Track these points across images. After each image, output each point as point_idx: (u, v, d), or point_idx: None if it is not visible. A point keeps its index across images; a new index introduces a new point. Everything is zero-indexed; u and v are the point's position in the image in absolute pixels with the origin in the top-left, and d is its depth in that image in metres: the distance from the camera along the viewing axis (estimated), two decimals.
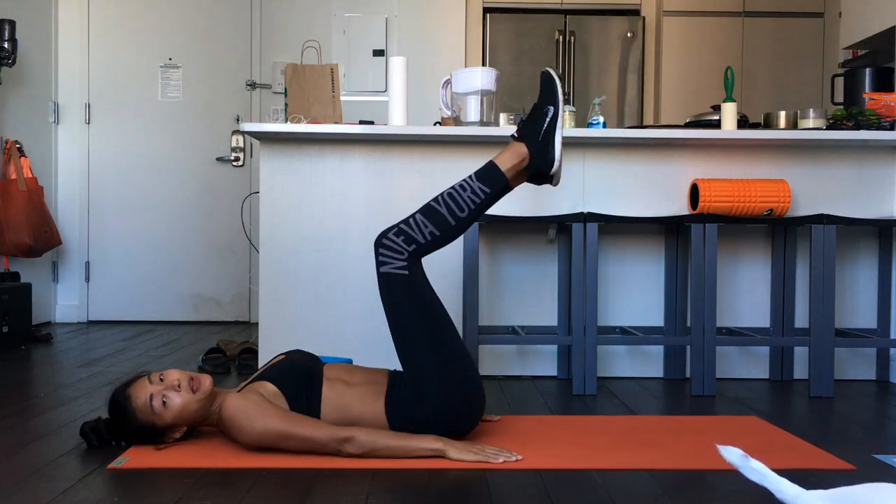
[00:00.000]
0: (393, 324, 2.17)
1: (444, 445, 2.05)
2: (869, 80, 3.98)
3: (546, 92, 2.26)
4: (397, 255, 2.14)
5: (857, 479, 1.95)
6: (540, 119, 2.24)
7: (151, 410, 2.08)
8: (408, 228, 2.17)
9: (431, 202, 2.20)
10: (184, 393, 2.09)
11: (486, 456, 2.04)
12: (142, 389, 2.10)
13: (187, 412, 2.10)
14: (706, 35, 5.31)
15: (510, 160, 2.22)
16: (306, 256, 3.24)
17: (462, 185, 2.21)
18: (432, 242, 2.18)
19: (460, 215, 2.19)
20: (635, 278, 3.33)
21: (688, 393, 3.02)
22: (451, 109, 3.25)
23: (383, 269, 2.15)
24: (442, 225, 2.17)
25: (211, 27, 5.14)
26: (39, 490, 1.83)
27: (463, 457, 2.03)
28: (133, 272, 5.08)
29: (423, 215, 2.18)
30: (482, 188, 2.20)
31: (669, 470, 2.01)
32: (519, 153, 2.23)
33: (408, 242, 2.15)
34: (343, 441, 2.02)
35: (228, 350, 3.58)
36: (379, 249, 2.16)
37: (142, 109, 5.11)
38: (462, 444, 2.09)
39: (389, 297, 2.16)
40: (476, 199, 2.19)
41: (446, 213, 2.18)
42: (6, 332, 3.86)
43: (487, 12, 5.30)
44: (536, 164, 2.22)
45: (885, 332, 3.25)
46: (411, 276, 2.15)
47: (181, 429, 2.14)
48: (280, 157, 3.23)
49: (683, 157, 3.29)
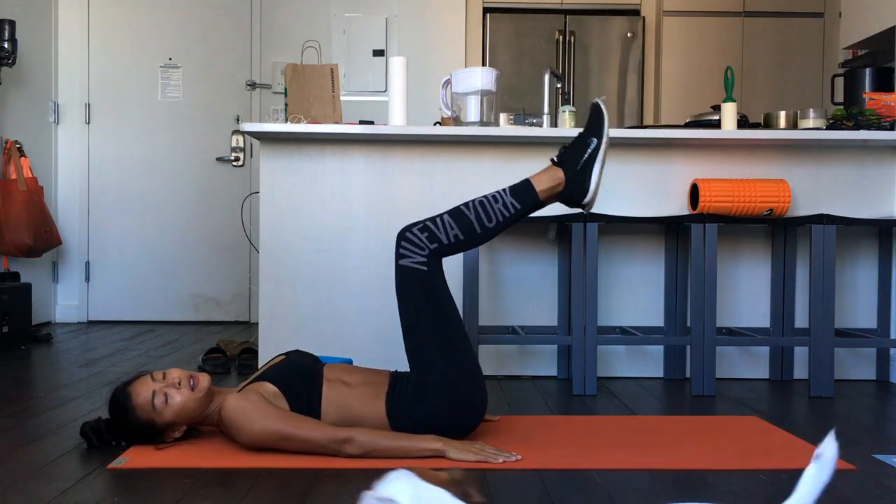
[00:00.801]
0: (404, 316, 2.19)
1: (444, 445, 2.05)
2: (869, 80, 3.98)
3: (593, 123, 2.29)
4: (418, 250, 2.17)
5: (857, 479, 1.95)
6: (582, 148, 2.27)
7: (152, 408, 2.08)
8: (433, 226, 2.19)
9: (461, 206, 2.23)
10: (184, 390, 2.10)
11: (485, 456, 2.05)
12: (143, 387, 2.10)
13: (186, 410, 2.10)
14: (706, 35, 5.31)
15: (546, 182, 2.25)
16: (306, 256, 3.24)
17: (495, 196, 2.24)
18: (455, 245, 2.21)
19: (487, 225, 2.22)
20: (635, 278, 3.32)
21: (688, 393, 3.02)
22: (451, 109, 3.25)
23: (402, 262, 2.18)
24: (467, 230, 2.20)
25: (211, 27, 5.14)
26: (39, 490, 1.82)
27: (463, 457, 2.04)
28: (133, 272, 5.08)
29: (451, 217, 2.21)
30: (514, 203, 2.23)
31: (669, 470, 2.01)
32: (556, 177, 2.25)
33: (430, 240, 2.18)
34: (342, 442, 2.03)
35: (228, 350, 3.58)
36: (401, 242, 2.19)
37: (142, 109, 5.11)
38: (462, 443, 2.09)
39: (404, 290, 2.18)
40: (506, 212, 2.22)
41: (474, 219, 2.21)
42: (6, 332, 3.86)
43: (487, 12, 5.30)
44: (570, 192, 2.25)
45: (885, 332, 3.25)
46: (429, 273, 2.17)
47: (180, 428, 2.14)
48: (280, 157, 3.23)
49: (683, 157, 3.29)
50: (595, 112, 2.30)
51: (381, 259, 3.24)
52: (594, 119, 2.30)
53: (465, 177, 3.26)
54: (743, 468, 2.03)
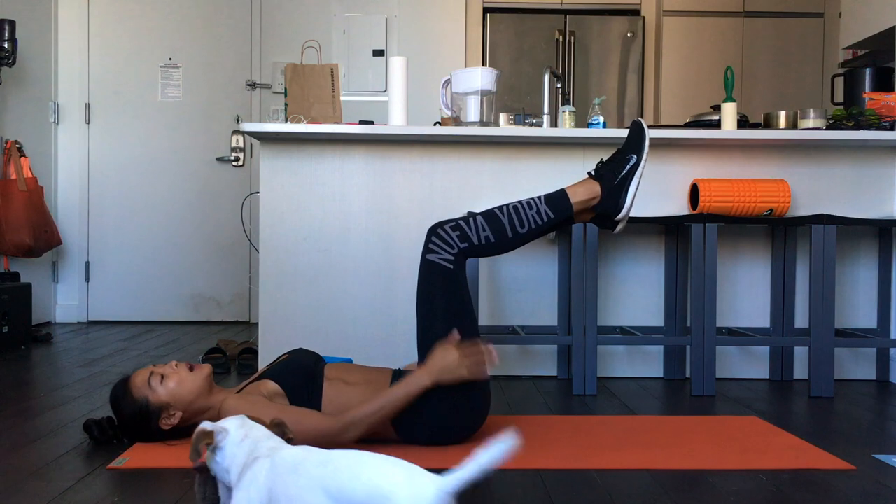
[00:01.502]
0: (421, 310, 2.21)
1: (430, 376, 2.06)
2: (869, 80, 3.98)
3: (633, 140, 2.30)
4: (448, 247, 2.19)
5: (857, 479, 1.95)
6: (621, 164, 2.28)
7: (147, 386, 2.09)
8: (465, 226, 2.21)
9: (495, 209, 2.25)
10: (181, 372, 2.11)
11: (476, 371, 2.07)
12: (142, 371, 2.14)
13: (182, 392, 2.09)
14: (706, 35, 5.32)
15: (582, 194, 2.26)
16: (306, 256, 3.24)
17: (529, 202, 2.25)
18: (484, 247, 2.22)
19: (520, 230, 2.23)
20: (635, 278, 3.33)
21: (688, 393, 3.02)
22: (451, 109, 3.25)
23: (430, 257, 2.20)
24: (499, 233, 2.22)
25: (211, 27, 5.15)
26: (39, 490, 1.83)
27: (454, 377, 2.05)
28: (133, 272, 5.08)
29: (485, 219, 2.23)
30: (548, 212, 2.24)
31: (669, 470, 2.01)
32: (592, 190, 2.27)
33: (461, 239, 2.20)
34: (342, 431, 2.01)
35: (228, 350, 3.58)
36: (431, 237, 2.21)
37: (142, 109, 5.12)
38: (447, 365, 2.08)
39: (426, 284, 2.20)
40: (539, 220, 2.24)
41: (507, 223, 2.22)
42: (6, 332, 3.86)
43: (487, 12, 5.30)
44: (605, 206, 2.27)
45: (885, 332, 3.26)
46: (453, 272, 2.19)
47: (176, 412, 2.10)
48: (280, 157, 3.23)
49: (683, 157, 3.29)
50: (636, 129, 2.31)
51: (381, 259, 3.24)
52: (635, 135, 2.31)
53: (466, 177, 3.26)
54: (743, 468, 2.03)
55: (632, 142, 2.31)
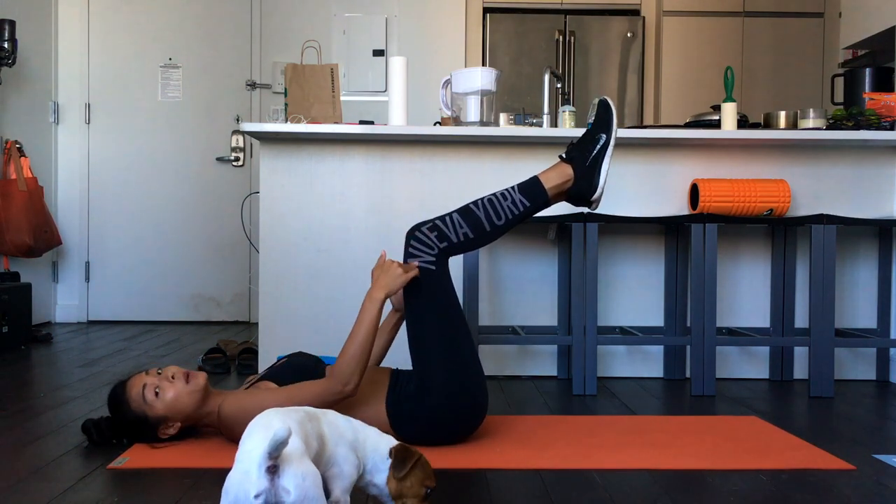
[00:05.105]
0: (410, 314, 2.20)
1: (381, 290, 2.10)
2: (869, 80, 3.98)
3: (602, 119, 2.30)
4: (428, 249, 2.18)
5: (857, 479, 1.95)
6: (591, 144, 2.28)
7: (143, 401, 2.08)
8: (442, 226, 2.20)
9: (470, 205, 2.24)
10: (177, 384, 2.09)
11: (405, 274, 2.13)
12: (137, 380, 2.12)
13: (179, 405, 2.09)
14: (706, 35, 5.32)
15: (554, 179, 2.26)
16: (306, 256, 3.24)
17: (503, 193, 2.25)
18: (464, 244, 2.21)
19: (497, 223, 2.22)
20: (635, 278, 3.32)
21: (688, 393, 3.02)
22: (451, 109, 3.25)
23: (411, 262, 2.19)
24: (477, 228, 2.21)
25: (211, 27, 5.14)
26: (39, 490, 1.83)
27: (397, 285, 2.11)
28: (133, 272, 5.08)
29: (461, 216, 2.22)
30: (522, 200, 2.24)
31: (669, 470, 2.01)
32: (564, 174, 2.26)
33: (440, 239, 2.19)
34: (340, 382, 2.02)
35: (228, 350, 3.58)
36: (410, 241, 2.20)
37: (142, 109, 5.12)
38: (385, 276, 2.12)
39: (411, 288, 2.19)
40: (515, 210, 2.23)
41: (483, 217, 2.22)
42: (6, 332, 3.86)
43: (487, 12, 5.30)
44: (579, 187, 2.26)
45: (885, 332, 3.26)
46: (437, 273, 2.18)
47: (175, 424, 2.12)
48: (280, 157, 3.23)
49: (683, 157, 3.29)
50: (603, 108, 2.30)
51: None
52: (602, 115, 2.30)
53: (465, 177, 3.26)
54: (743, 468, 2.03)
55: (600, 121, 2.30)
